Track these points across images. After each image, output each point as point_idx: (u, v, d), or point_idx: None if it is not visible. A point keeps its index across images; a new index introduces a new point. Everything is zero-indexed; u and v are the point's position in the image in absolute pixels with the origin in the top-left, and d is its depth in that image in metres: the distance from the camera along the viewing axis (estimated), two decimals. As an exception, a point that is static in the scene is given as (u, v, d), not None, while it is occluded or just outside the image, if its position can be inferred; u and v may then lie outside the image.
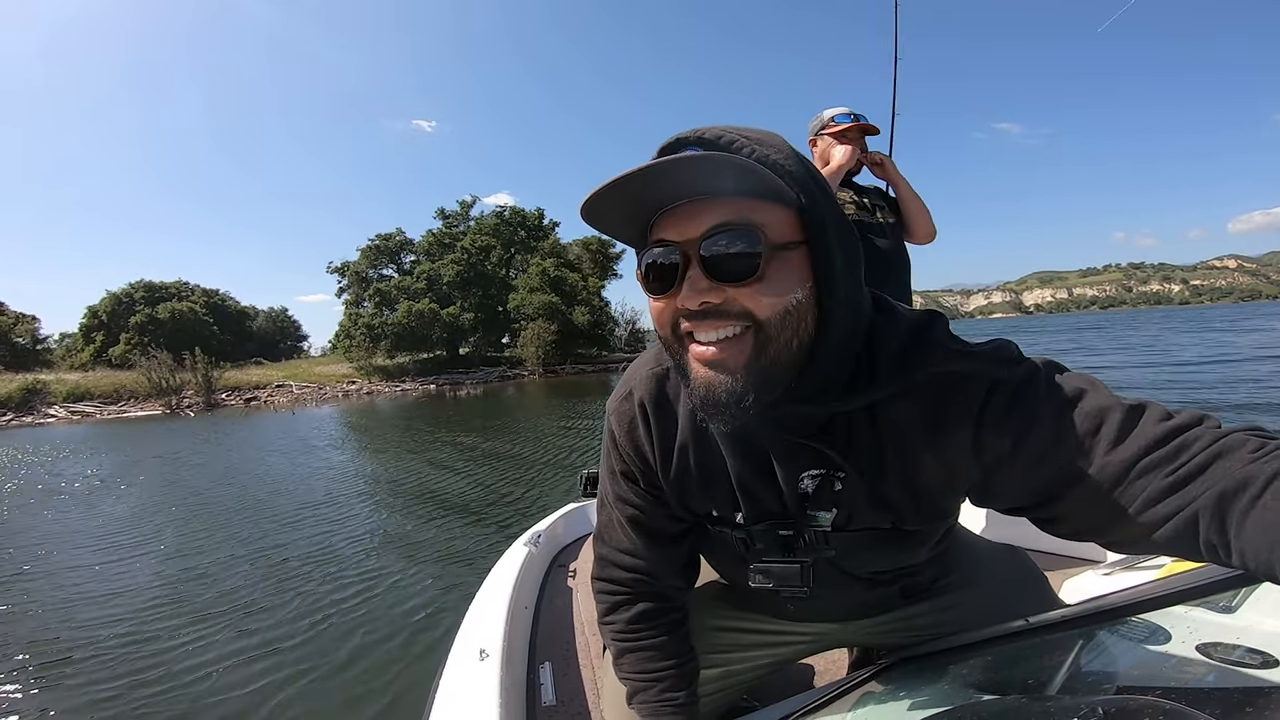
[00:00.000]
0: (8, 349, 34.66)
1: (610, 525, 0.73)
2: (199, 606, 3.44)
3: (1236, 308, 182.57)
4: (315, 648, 2.82)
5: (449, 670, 1.10)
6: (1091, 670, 0.60)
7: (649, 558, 0.71)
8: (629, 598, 0.73)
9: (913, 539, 0.64)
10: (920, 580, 0.76)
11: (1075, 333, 41.65)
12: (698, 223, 0.49)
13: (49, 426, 19.22)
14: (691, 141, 0.50)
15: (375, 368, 30.11)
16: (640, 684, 0.72)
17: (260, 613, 3.30)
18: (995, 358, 0.53)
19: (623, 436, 0.67)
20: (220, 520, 5.55)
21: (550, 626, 1.47)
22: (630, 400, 0.67)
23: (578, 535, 2.11)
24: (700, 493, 0.65)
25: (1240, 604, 0.59)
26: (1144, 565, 0.93)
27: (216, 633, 3.06)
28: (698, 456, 0.63)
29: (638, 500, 0.69)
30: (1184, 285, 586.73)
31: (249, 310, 47.87)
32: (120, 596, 3.68)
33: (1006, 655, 0.68)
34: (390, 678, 2.52)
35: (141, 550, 4.67)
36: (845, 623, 0.82)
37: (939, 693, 0.67)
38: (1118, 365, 14.76)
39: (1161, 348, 19.37)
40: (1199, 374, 11.84)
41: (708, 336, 0.50)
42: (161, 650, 2.91)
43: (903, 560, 0.69)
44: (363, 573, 3.85)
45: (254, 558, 4.33)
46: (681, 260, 0.50)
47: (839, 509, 0.59)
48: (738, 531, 0.65)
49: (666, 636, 0.73)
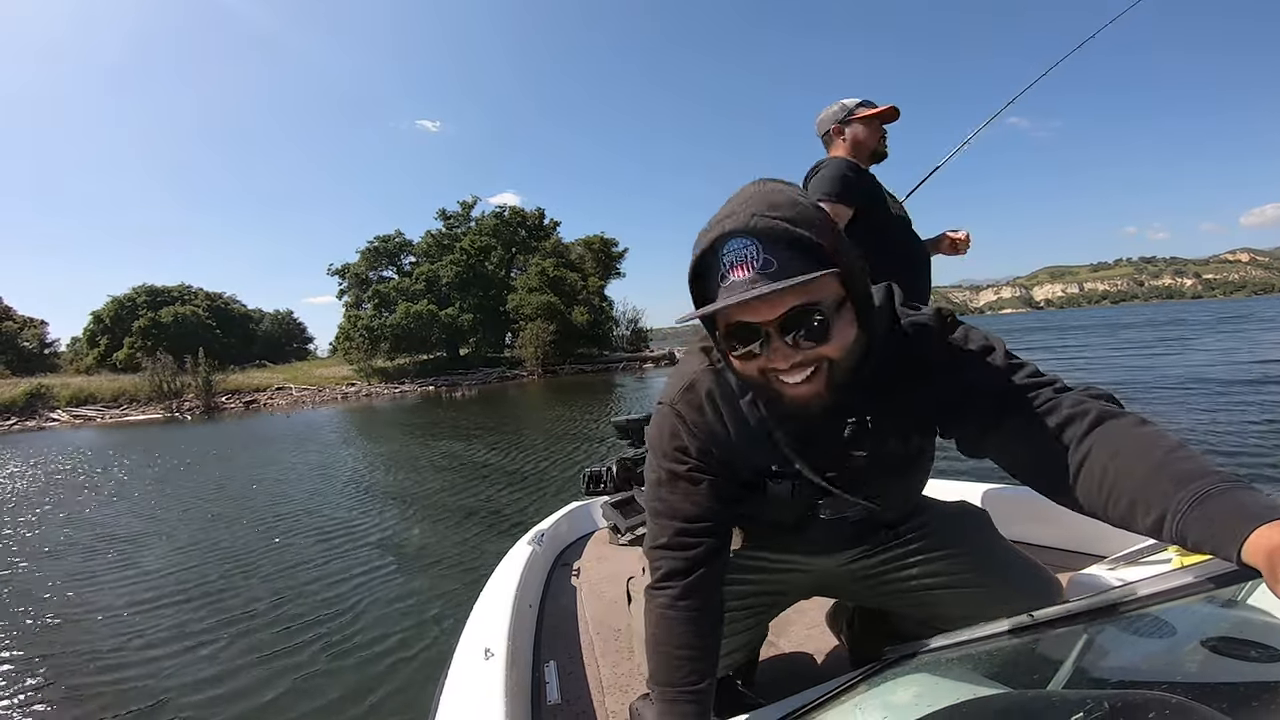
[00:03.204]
0: (15, 353, 34.82)
1: (677, 497, 0.82)
2: (202, 620, 3.45)
3: (1251, 301, 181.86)
4: (321, 650, 2.83)
5: (454, 669, 1.10)
6: (1097, 665, 0.60)
7: (717, 516, 0.82)
8: (690, 563, 0.80)
9: (918, 467, 0.86)
10: (895, 516, 0.91)
11: (1106, 330, 32.21)
12: (774, 307, 0.65)
13: (53, 430, 19.31)
14: (741, 234, 0.64)
15: (374, 369, 30.12)
16: (666, 660, 0.79)
17: (262, 615, 3.31)
18: (940, 319, 0.77)
19: (694, 418, 0.81)
20: (219, 528, 5.57)
21: (555, 625, 1.47)
22: (695, 390, 0.82)
23: (581, 534, 2.11)
24: (765, 452, 0.80)
25: (1246, 597, 0.58)
26: (1149, 560, 0.92)
27: (222, 639, 3.07)
28: (762, 427, 0.79)
29: (706, 470, 0.82)
30: (1196, 279, 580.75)
31: (254, 313, 47.98)
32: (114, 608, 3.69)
33: (1010, 650, 0.68)
34: (396, 677, 2.52)
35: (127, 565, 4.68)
36: (835, 554, 0.94)
37: (943, 688, 0.67)
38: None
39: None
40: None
41: (795, 379, 0.68)
42: (163, 657, 2.92)
43: (912, 488, 0.89)
44: (364, 575, 3.87)
45: (253, 563, 4.34)
46: (764, 336, 0.66)
47: (867, 446, 0.78)
48: (795, 480, 0.81)
49: (706, 613, 0.81)
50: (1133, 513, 0.56)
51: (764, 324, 0.65)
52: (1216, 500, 0.49)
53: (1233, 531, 0.45)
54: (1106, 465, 0.59)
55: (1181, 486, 0.52)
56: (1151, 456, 0.57)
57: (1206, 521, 0.49)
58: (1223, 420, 6.16)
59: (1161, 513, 0.52)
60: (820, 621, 1.32)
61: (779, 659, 1.26)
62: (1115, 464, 0.59)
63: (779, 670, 1.21)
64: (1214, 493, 0.50)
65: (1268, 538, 0.43)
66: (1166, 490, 0.53)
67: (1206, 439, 5.40)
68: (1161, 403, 7.50)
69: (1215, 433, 5.66)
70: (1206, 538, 0.48)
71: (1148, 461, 0.56)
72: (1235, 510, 0.47)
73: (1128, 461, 0.58)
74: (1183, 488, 0.51)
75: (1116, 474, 0.58)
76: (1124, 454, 0.59)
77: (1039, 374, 0.72)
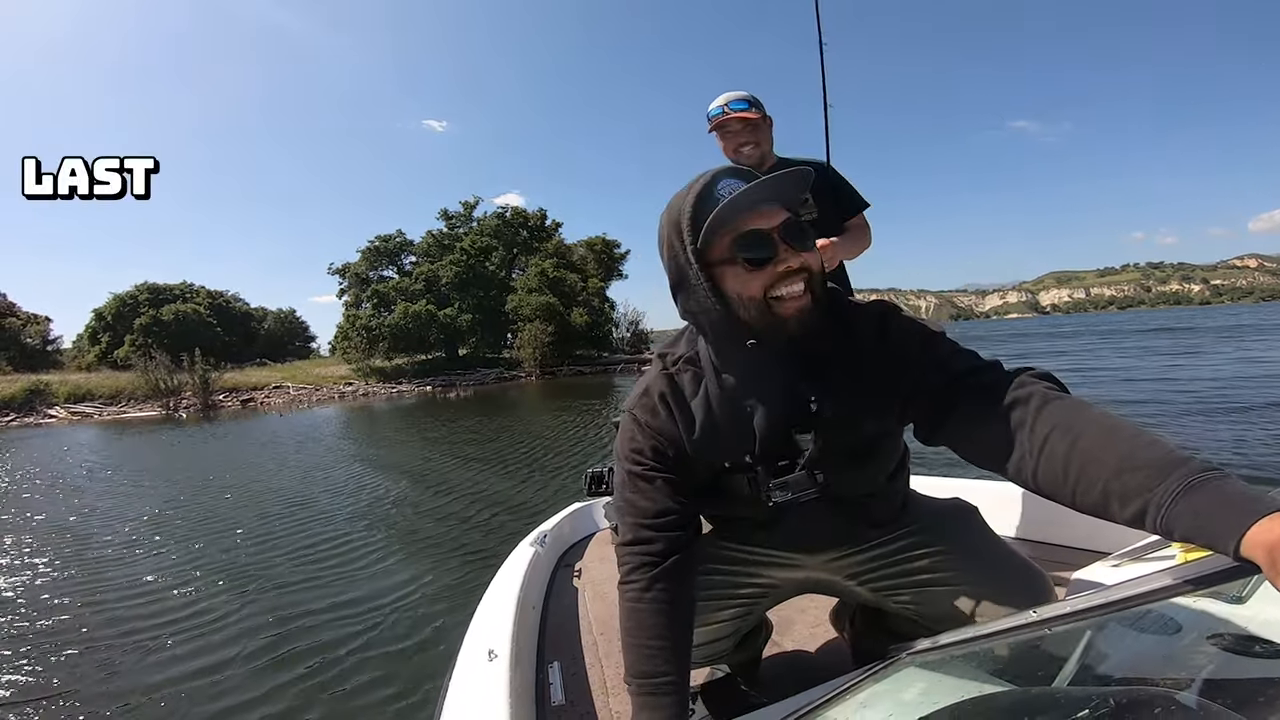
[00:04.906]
0: (18, 350, 34.75)
1: (636, 496, 0.86)
2: (203, 616, 3.45)
3: (1257, 308, 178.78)
4: (325, 651, 2.83)
5: (458, 671, 1.11)
6: (1101, 662, 0.60)
7: (676, 511, 0.85)
8: (655, 558, 0.83)
9: (875, 455, 0.86)
10: (880, 515, 0.92)
11: (1140, 336, 28.68)
12: (775, 216, 0.76)
13: (50, 427, 19.28)
14: (728, 175, 0.78)
15: (372, 369, 30.07)
16: (639, 653, 0.81)
17: (265, 615, 3.30)
18: (882, 305, 0.84)
19: (648, 420, 0.86)
20: (229, 526, 5.55)
21: (558, 626, 1.47)
22: (650, 395, 0.87)
23: (583, 535, 2.11)
24: (717, 447, 0.84)
25: (1251, 594, 0.58)
26: (1153, 556, 0.93)
27: (224, 637, 3.06)
28: (710, 422, 0.84)
29: (662, 469, 0.85)
30: (1204, 285, 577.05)
31: (256, 311, 47.90)
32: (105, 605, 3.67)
33: (1014, 648, 0.68)
34: (399, 679, 2.52)
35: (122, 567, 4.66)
36: (817, 553, 0.95)
37: (948, 686, 0.67)
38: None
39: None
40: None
41: (794, 288, 0.75)
42: (165, 660, 2.91)
43: (869, 476, 0.87)
44: (365, 578, 3.86)
45: (251, 567, 4.34)
46: (771, 241, 0.75)
47: (817, 429, 0.81)
48: (748, 472, 0.85)
49: (676, 605, 0.83)
50: (1106, 502, 0.56)
51: (772, 229, 0.75)
52: (1201, 492, 0.49)
53: (1228, 526, 0.45)
54: (1069, 451, 0.59)
55: (1160, 477, 0.51)
56: (1117, 443, 0.57)
57: (1194, 515, 0.48)
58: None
59: (1143, 505, 0.52)
60: (824, 620, 1.32)
61: (782, 657, 1.26)
62: (1078, 450, 0.59)
63: (782, 669, 1.21)
64: (1196, 484, 0.49)
65: (1267, 531, 0.43)
66: (1143, 480, 0.52)
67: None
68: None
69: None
70: (1197, 531, 0.48)
71: (1114, 449, 0.56)
72: (1225, 504, 0.47)
73: (1091, 448, 0.58)
74: (1162, 479, 0.51)
75: (1083, 461, 0.58)
76: (1085, 439, 0.59)
77: (980, 358, 0.76)
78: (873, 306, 0.84)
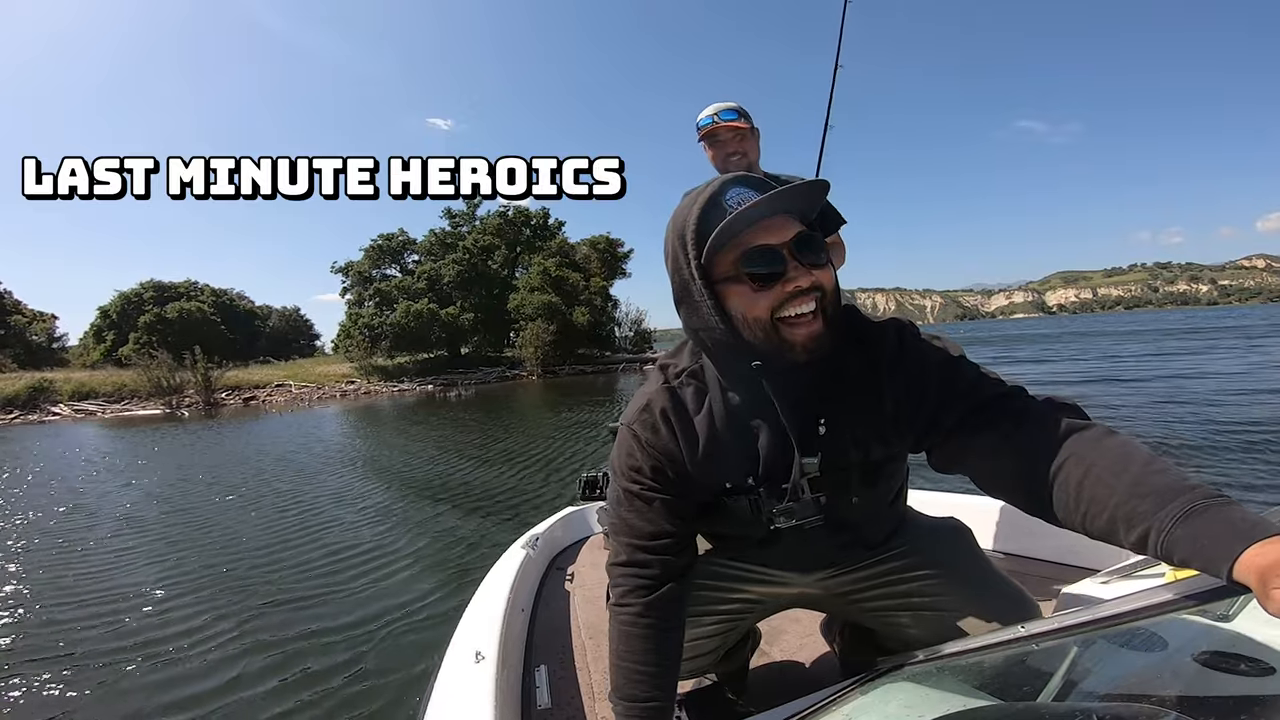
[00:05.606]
0: (23, 347, 34.94)
1: (633, 516, 0.83)
2: (193, 620, 3.45)
3: (1266, 308, 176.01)
4: (309, 650, 2.82)
5: (444, 672, 1.10)
6: (1088, 678, 0.60)
7: (673, 535, 0.82)
8: (650, 582, 0.81)
9: (881, 480, 0.82)
10: (875, 536, 0.90)
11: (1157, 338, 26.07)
12: (786, 230, 0.70)
13: (54, 424, 19.38)
14: (736, 183, 0.72)
15: (374, 368, 30.13)
16: (627, 676, 0.80)
17: (255, 612, 3.30)
18: (898, 324, 0.79)
19: (649, 438, 0.81)
20: (216, 528, 5.57)
21: (547, 629, 1.47)
22: (650, 411, 0.82)
23: (576, 539, 2.10)
24: (720, 468, 0.81)
25: (1238, 612, 0.58)
26: (1142, 573, 0.92)
27: (211, 639, 3.07)
28: (714, 442, 0.80)
29: (661, 489, 0.82)
30: (1212, 285, 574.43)
31: (260, 310, 48.08)
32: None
33: (1002, 662, 0.67)
34: (384, 680, 2.51)
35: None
36: (812, 571, 0.92)
37: (934, 699, 0.66)
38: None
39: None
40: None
41: (804, 309, 0.70)
42: (155, 666, 2.92)
43: (873, 501, 0.84)
44: (354, 577, 3.86)
45: (244, 564, 4.34)
46: (780, 259, 0.69)
47: (824, 452, 0.78)
48: (750, 495, 0.82)
49: (668, 632, 0.82)
50: (1114, 528, 0.56)
51: (782, 244, 0.69)
52: (1201, 517, 0.49)
53: (1223, 550, 0.46)
54: (1082, 479, 0.59)
55: (1163, 503, 0.52)
56: (1128, 471, 0.57)
57: (1192, 539, 0.49)
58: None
59: (1145, 530, 0.52)
60: (814, 631, 1.31)
61: (770, 667, 1.25)
62: (1090, 478, 0.59)
63: (770, 679, 1.20)
64: (1197, 509, 0.50)
65: (1260, 555, 0.43)
66: (1148, 507, 0.53)
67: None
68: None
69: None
70: (1194, 555, 0.48)
71: (1124, 476, 0.56)
72: (1222, 528, 0.47)
73: (1103, 475, 0.58)
74: (1165, 504, 0.52)
75: (1093, 488, 0.58)
76: (1098, 467, 0.59)
77: (1004, 383, 0.72)
78: (889, 324, 0.79)
